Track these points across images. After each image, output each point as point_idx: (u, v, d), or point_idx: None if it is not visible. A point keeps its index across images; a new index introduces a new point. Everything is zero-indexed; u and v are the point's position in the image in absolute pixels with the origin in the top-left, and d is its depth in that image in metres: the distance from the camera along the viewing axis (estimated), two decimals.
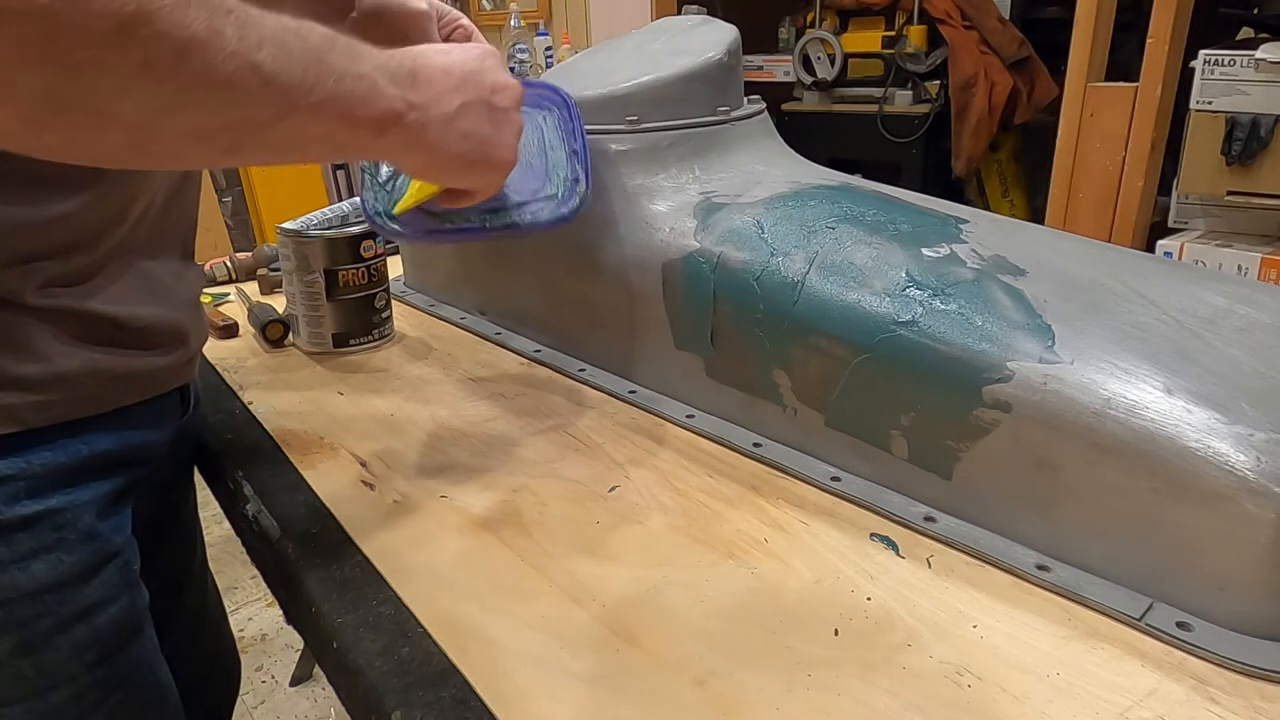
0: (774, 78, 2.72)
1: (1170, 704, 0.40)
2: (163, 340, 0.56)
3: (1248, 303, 0.53)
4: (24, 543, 0.49)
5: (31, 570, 0.49)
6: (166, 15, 0.30)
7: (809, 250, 0.60)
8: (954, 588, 0.49)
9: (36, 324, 0.48)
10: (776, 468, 0.61)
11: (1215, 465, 0.43)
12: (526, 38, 2.94)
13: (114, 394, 0.53)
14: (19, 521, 0.49)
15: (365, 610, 0.48)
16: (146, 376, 0.55)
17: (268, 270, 1.06)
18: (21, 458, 0.49)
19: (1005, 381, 0.50)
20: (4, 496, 0.48)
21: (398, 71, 0.41)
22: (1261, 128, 1.44)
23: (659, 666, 0.43)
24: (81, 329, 0.50)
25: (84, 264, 0.50)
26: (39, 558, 0.50)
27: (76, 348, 0.50)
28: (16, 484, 0.48)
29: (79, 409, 0.51)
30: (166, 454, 0.63)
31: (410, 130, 0.42)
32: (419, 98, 0.42)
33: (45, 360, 0.49)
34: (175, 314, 0.57)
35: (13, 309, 0.47)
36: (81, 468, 0.52)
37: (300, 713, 1.57)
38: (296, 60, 0.35)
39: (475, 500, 0.59)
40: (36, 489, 0.49)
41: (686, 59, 0.72)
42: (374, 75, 0.40)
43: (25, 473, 0.49)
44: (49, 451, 0.50)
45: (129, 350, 0.53)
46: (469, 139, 0.46)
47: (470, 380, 0.78)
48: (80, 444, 0.52)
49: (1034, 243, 0.61)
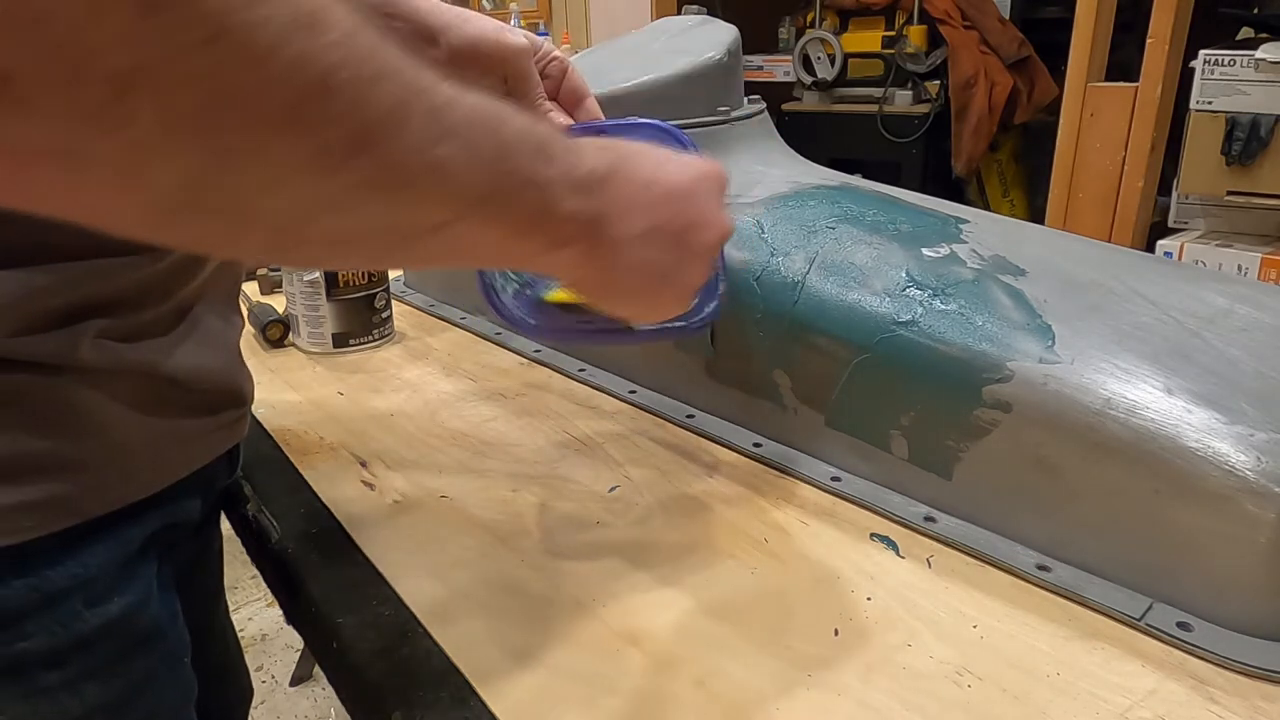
0: (774, 78, 2.72)
1: (1170, 704, 0.40)
2: (221, 400, 0.49)
3: (1248, 303, 0.53)
4: (80, 663, 0.41)
5: (82, 692, 0.41)
6: (356, 89, 0.23)
7: (809, 250, 0.60)
8: (954, 588, 0.49)
9: (92, 391, 0.40)
10: (776, 468, 0.61)
11: (1215, 465, 0.43)
12: None
13: (171, 466, 0.45)
14: (76, 641, 0.40)
15: (365, 610, 0.48)
16: (203, 440, 0.48)
17: (268, 270, 1.05)
18: (78, 561, 0.40)
19: (1005, 381, 0.50)
20: (60, 615, 0.39)
21: (588, 178, 0.34)
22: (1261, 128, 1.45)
23: (659, 666, 0.43)
24: (137, 392, 0.42)
25: (149, 318, 0.42)
26: (94, 677, 0.42)
27: (134, 414, 0.42)
28: (74, 596, 0.40)
29: (137, 489, 0.43)
30: (209, 513, 0.56)
31: (584, 247, 0.35)
32: (602, 208, 0.35)
33: (103, 433, 0.41)
34: (232, 369, 0.50)
35: (69, 374, 0.39)
36: (139, 557, 0.44)
37: (300, 713, 1.57)
38: (483, 160, 0.29)
39: (475, 500, 0.59)
40: (97, 595, 0.41)
41: (686, 59, 0.72)
42: (559, 182, 0.33)
43: (82, 580, 0.40)
44: (105, 546, 0.41)
45: (188, 414, 0.46)
46: (648, 268, 0.38)
47: (470, 380, 0.78)
48: (135, 529, 0.43)
49: (1034, 243, 0.61)
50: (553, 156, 0.32)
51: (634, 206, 0.37)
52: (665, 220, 0.38)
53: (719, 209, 0.42)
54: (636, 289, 0.40)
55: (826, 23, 2.61)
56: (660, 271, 0.39)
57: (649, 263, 0.38)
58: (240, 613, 1.80)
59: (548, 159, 0.32)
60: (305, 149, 0.23)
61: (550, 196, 0.33)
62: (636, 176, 0.37)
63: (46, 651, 0.40)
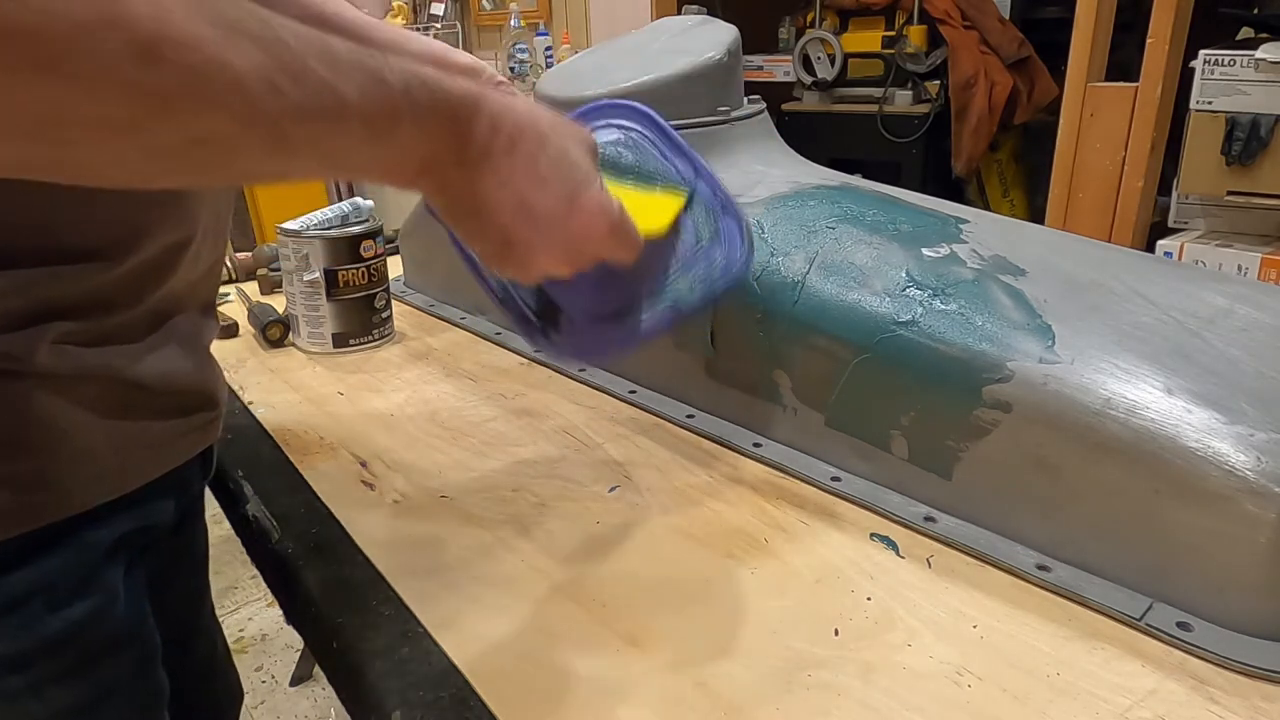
0: (774, 78, 2.72)
1: (1170, 704, 0.40)
2: (193, 403, 0.49)
3: (1248, 303, 0.53)
4: (46, 667, 0.40)
5: (48, 697, 0.41)
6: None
7: (809, 250, 0.60)
8: (954, 588, 0.49)
9: (48, 395, 0.39)
10: (776, 468, 0.61)
11: (1215, 465, 0.43)
12: (526, 38, 2.94)
13: (140, 470, 0.45)
14: (39, 648, 0.40)
15: (365, 610, 0.48)
16: (173, 444, 0.47)
17: (268, 270, 1.05)
18: (35, 567, 0.39)
19: (1005, 381, 0.50)
20: (21, 619, 0.39)
21: (471, 67, 0.36)
22: (1261, 128, 1.44)
23: (659, 666, 0.43)
24: (102, 397, 0.42)
25: (117, 323, 0.42)
26: (62, 682, 0.41)
27: (98, 419, 0.41)
28: (35, 600, 0.40)
29: (103, 492, 0.42)
30: (184, 514, 0.55)
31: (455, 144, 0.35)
32: (484, 93, 0.35)
33: (62, 439, 0.40)
34: (203, 372, 0.50)
35: (27, 379, 0.38)
36: (106, 561, 0.43)
37: (300, 713, 1.57)
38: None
39: (475, 500, 0.59)
40: (57, 603, 0.40)
41: (686, 59, 0.72)
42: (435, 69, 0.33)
43: (42, 584, 0.40)
44: (68, 550, 0.41)
45: (157, 417, 0.45)
46: (524, 202, 0.38)
47: (470, 380, 0.78)
48: (102, 532, 0.43)
49: (1034, 243, 0.61)
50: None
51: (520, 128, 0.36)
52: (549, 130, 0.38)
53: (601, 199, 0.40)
54: (505, 221, 0.38)
55: (826, 23, 2.61)
56: (539, 212, 0.38)
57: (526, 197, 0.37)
58: (240, 613, 1.80)
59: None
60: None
61: (422, 76, 0.33)
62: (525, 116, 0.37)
63: (10, 655, 0.39)
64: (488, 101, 0.36)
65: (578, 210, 0.39)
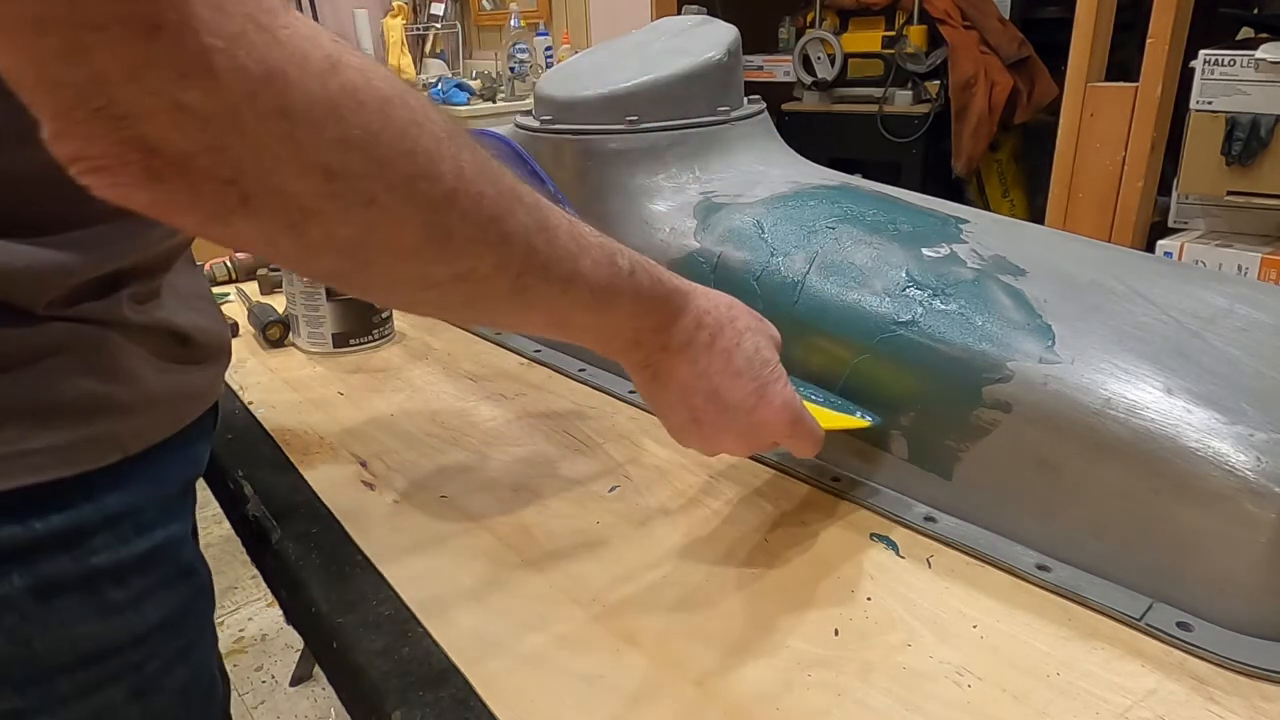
0: (774, 78, 2.72)
1: (1170, 704, 0.40)
2: (213, 352, 0.53)
3: (1248, 303, 0.53)
4: (138, 583, 0.45)
5: (144, 611, 0.46)
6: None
7: (809, 250, 0.60)
8: (954, 588, 0.49)
9: (131, 345, 0.45)
10: (777, 468, 0.61)
11: (1215, 465, 0.43)
12: (526, 38, 2.94)
13: (185, 411, 0.50)
14: (134, 561, 0.45)
15: (365, 610, 0.48)
16: (205, 390, 0.52)
17: (268, 270, 1.06)
18: (126, 491, 0.45)
19: (1005, 381, 0.50)
20: (118, 535, 0.44)
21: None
22: (1261, 128, 1.45)
23: (659, 666, 0.43)
24: (160, 346, 0.48)
25: (162, 278, 0.48)
26: (151, 597, 0.46)
27: (158, 366, 0.47)
28: (126, 521, 0.45)
29: (162, 430, 0.48)
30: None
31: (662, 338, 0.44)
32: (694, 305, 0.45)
33: (138, 381, 0.45)
34: (218, 322, 0.55)
35: (115, 328, 0.44)
36: (176, 500, 0.49)
37: (300, 713, 1.57)
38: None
39: (475, 500, 0.59)
40: (142, 525, 0.45)
41: (686, 59, 0.72)
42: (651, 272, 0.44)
43: (131, 507, 0.45)
44: (147, 481, 0.46)
45: (191, 365, 0.50)
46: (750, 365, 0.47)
47: (470, 380, 0.78)
48: (170, 466, 0.48)
49: (1034, 243, 0.61)
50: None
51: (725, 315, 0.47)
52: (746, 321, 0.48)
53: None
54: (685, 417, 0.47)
55: (826, 23, 2.61)
56: (758, 367, 0.47)
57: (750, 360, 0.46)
58: (240, 613, 1.80)
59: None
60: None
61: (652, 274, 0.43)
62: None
63: (112, 568, 0.44)
64: (697, 297, 0.46)
65: (764, 403, 0.46)
